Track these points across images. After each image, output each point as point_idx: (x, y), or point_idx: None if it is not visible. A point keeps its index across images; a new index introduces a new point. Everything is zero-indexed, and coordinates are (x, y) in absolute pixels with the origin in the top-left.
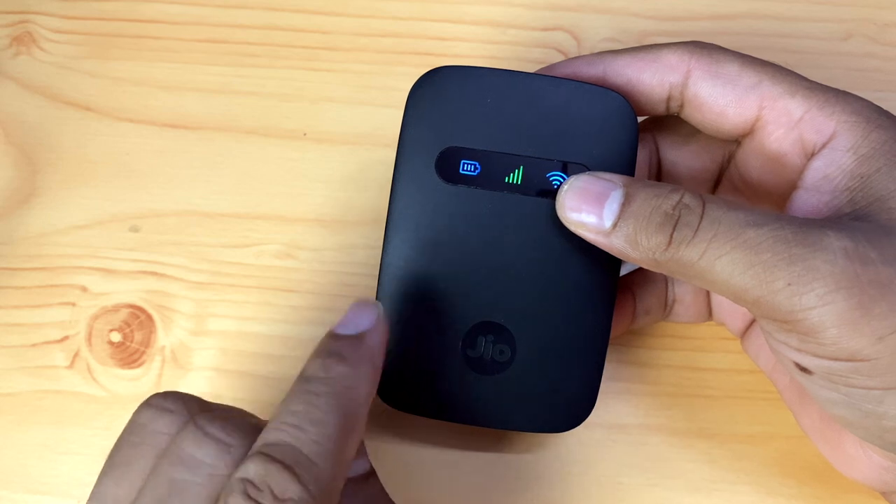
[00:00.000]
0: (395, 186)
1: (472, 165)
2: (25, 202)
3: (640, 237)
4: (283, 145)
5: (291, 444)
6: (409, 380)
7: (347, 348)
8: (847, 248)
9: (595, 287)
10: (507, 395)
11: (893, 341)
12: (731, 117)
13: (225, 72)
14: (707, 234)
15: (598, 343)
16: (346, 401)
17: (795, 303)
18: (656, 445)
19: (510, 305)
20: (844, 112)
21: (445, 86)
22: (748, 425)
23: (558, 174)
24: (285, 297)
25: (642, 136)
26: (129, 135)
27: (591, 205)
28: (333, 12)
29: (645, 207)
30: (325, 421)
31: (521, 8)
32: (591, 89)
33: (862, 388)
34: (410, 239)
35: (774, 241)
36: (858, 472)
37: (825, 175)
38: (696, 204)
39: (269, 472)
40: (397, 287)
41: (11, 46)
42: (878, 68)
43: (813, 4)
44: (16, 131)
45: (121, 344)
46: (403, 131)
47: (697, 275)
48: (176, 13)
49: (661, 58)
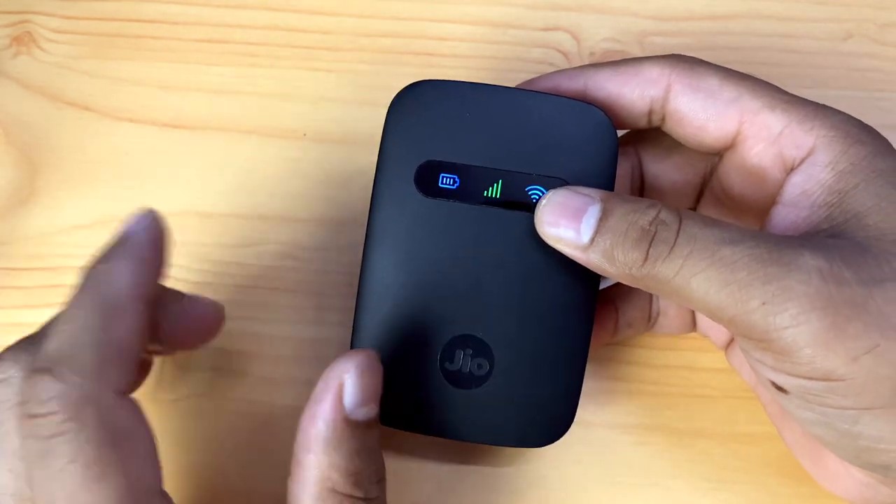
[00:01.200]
0: (374, 199)
1: (451, 179)
2: (25, 202)
3: (617, 252)
4: (283, 145)
5: (52, 348)
6: (387, 392)
7: (107, 250)
8: (822, 267)
9: (574, 301)
10: (485, 409)
11: (867, 361)
12: (711, 131)
13: (225, 72)
14: (683, 250)
15: (578, 357)
16: (103, 290)
17: (770, 322)
18: (656, 445)
19: (489, 319)
20: (824, 127)
21: (425, 100)
22: (748, 425)
23: (537, 188)
24: (285, 297)
25: (624, 149)
26: (129, 135)
27: (568, 219)
28: (333, 12)
29: (622, 223)
30: (79, 315)
31: (521, 8)
32: (571, 104)
33: (837, 408)
34: (390, 251)
35: (750, 260)
36: (840, 488)
37: (804, 190)
38: (672, 220)
39: (30, 385)
40: (376, 299)
41: (11, 46)
42: (878, 68)
43: (813, 4)
44: (16, 131)
45: None
46: (383, 144)
47: (674, 291)
48: (176, 13)
49: (642, 72)
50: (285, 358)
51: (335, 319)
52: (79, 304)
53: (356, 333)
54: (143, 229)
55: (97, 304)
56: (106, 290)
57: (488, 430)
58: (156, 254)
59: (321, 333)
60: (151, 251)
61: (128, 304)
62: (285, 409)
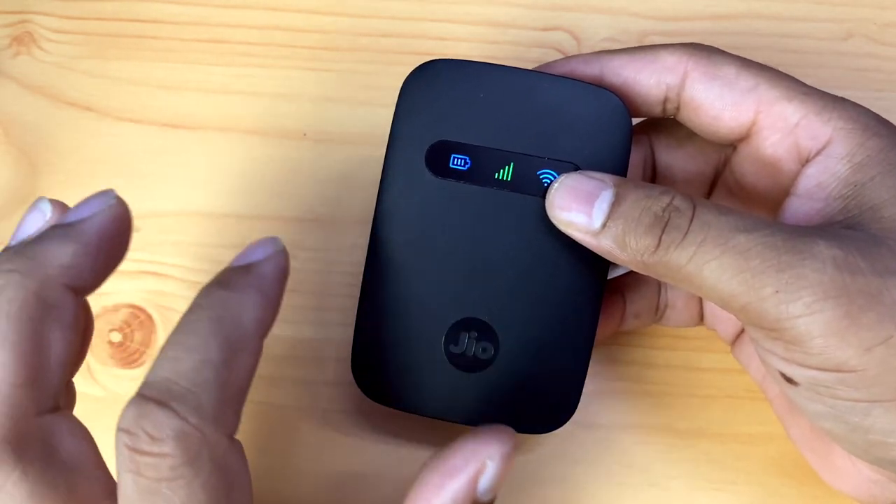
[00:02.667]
0: (384, 178)
1: (462, 160)
2: (25, 202)
3: (629, 238)
4: (283, 145)
5: (167, 377)
6: (390, 371)
7: (232, 275)
8: (837, 257)
9: (582, 287)
10: (489, 393)
11: (881, 352)
12: (727, 121)
13: (225, 72)
14: (696, 237)
15: (583, 344)
16: (227, 324)
17: (783, 311)
18: (656, 445)
19: (495, 303)
20: (841, 119)
21: (438, 79)
22: (748, 425)
23: (549, 172)
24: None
25: (638, 138)
26: (129, 135)
27: (580, 204)
28: (333, 12)
29: (635, 208)
30: (203, 346)
31: (521, 8)
32: (586, 88)
33: (848, 401)
34: (397, 230)
35: (764, 248)
36: (847, 485)
37: (819, 182)
38: (686, 207)
39: (143, 414)
40: (382, 278)
41: (11, 46)
42: (878, 68)
43: (813, 4)
44: (16, 131)
45: (121, 344)
46: (395, 123)
47: (685, 279)
48: (176, 13)
49: (659, 59)
50: (285, 358)
51: (335, 319)
52: (199, 332)
53: (361, 312)
54: (272, 262)
55: (222, 339)
56: (232, 323)
57: (490, 415)
58: (281, 291)
59: (321, 333)
60: (277, 288)
61: (250, 343)
62: (285, 410)
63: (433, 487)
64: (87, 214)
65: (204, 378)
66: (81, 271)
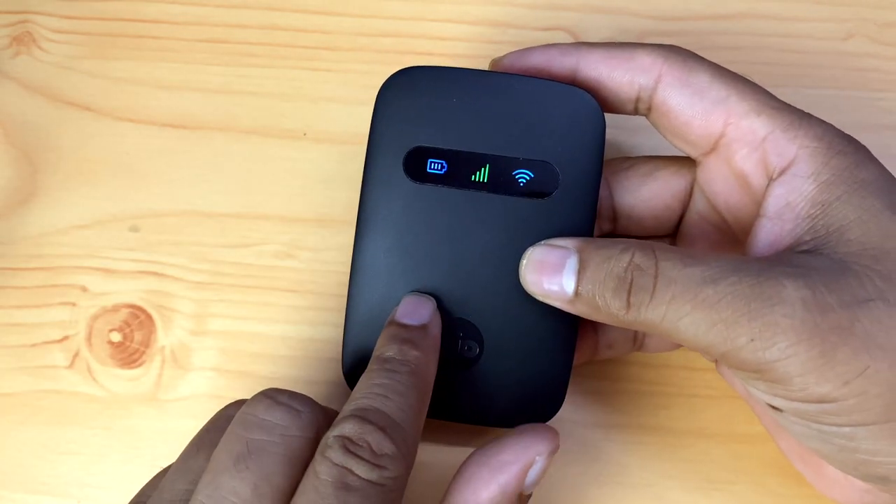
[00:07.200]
0: (364, 185)
1: (438, 164)
2: (25, 202)
3: (600, 302)
4: (283, 145)
5: (381, 409)
6: None
7: (417, 336)
8: (805, 298)
9: None
10: (475, 390)
11: (859, 384)
12: (695, 129)
13: (225, 72)
14: (664, 295)
15: (566, 339)
16: (420, 380)
17: (760, 357)
18: (655, 445)
19: (478, 302)
20: (807, 137)
21: (413, 86)
22: (748, 425)
23: (524, 171)
24: (285, 297)
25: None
26: (129, 135)
27: (550, 276)
28: (333, 12)
29: (599, 272)
30: (407, 393)
31: (521, 8)
32: (559, 87)
33: (832, 426)
34: (380, 237)
35: (733, 298)
36: (839, 494)
37: (788, 202)
38: (648, 264)
39: (365, 431)
40: (368, 284)
41: (11, 46)
42: (878, 68)
43: (813, 4)
44: (16, 131)
45: (121, 344)
46: (372, 131)
47: (664, 333)
48: (176, 13)
49: (635, 58)
50: (285, 358)
51: (335, 319)
52: (403, 381)
53: (349, 318)
54: (436, 324)
55: (418, 391)
56: (420, 378)
57: (478, 412)
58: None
59: (321, 333)
60: (439, 348)
61: (428, 396)
62: None
63: (482, 481)
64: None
65: (409, 418)
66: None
